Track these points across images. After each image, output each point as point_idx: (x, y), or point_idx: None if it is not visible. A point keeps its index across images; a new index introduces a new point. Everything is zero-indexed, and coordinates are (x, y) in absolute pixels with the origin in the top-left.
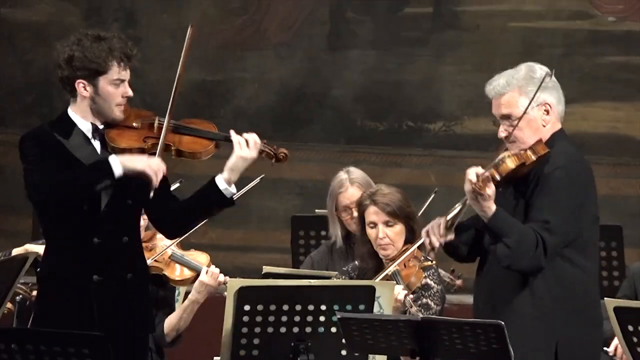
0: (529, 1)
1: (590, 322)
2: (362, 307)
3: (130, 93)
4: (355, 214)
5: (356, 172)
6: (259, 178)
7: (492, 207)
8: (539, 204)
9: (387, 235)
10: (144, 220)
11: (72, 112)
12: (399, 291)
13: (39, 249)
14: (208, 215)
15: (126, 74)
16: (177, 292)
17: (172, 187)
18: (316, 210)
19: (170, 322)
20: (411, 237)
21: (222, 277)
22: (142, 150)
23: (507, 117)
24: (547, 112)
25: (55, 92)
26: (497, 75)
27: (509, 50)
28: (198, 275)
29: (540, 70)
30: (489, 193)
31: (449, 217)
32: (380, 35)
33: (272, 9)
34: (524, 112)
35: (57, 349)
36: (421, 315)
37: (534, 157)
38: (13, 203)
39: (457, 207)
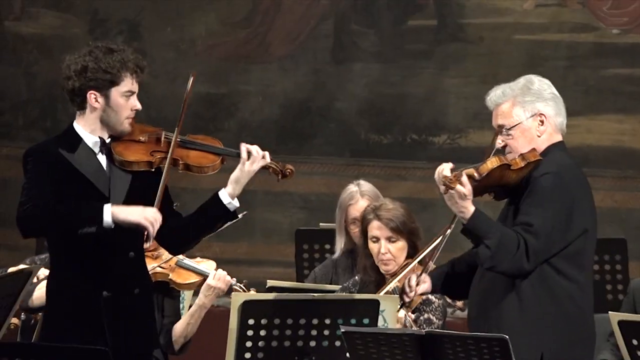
0: (533, 14)
1: (578, 337)
2: (366, 321)
3: (139, 106)
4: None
5: (366, 185)
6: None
7: (470, 207)
8: (524, 208)
9: (389, 250)
10: None
11: (79, 126)
12: (399, 312)
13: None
14: (211, 230)
15: (136, 87)
16: (182, 298)
17: None
18: (321, 224)
19: (178, 329)
20: (413, 252)
21: (229, 278)
22: (150, 164)
23: (502, 127)
24: (542, 122)
25: (60, 106)
26: (497, 86)
27: (513, 62)
28: (204, 279)
29: (539, 82)
30: (465, 192)
31: (418, 262)
32: (385, 48)
33: (276, 22)
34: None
35: None
36: (425, 329)
37: (522, 164)
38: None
39: (427, 250)
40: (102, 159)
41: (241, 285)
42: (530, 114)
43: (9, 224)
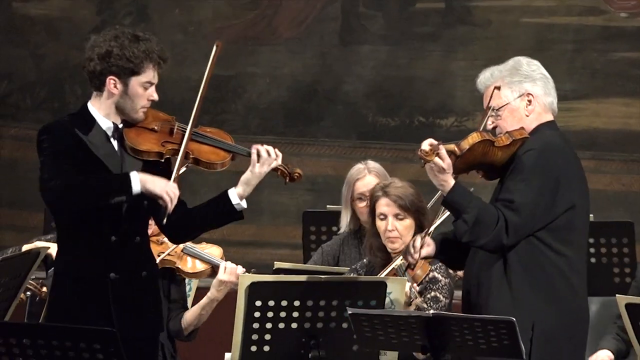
0: None
1: (568, 311)
2: (373, 302)
3: (156, 97)
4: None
5: (374, 163)
6: None
7: (449, 181)
8: (507, 184)
9: (397, 228)
10: None
11: (93, 108)
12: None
13: (51, 245)
14: (215, 225)
15: (156, 78)
16: (188, 287)
17: None
18: (328, 206)
19: (188, 318)
20: (420, 232)
21: (240, 270)
22: (160, 155)
23: (491, 108)
24: (530, 102)
25: (68, 88)
26: (486, 68)
27: (520, 45)
28: (212, 268)
29: (527, 63)
30: (443, 165)
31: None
32: (392, 31)
33: (283, 4)
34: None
35: (69, 344)
36: (432, 311)
37: (508, 141)
38: (25, 198)
39: (437, 221)
40: (114, 143)
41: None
42: (517, 94)
43: (18, 204)
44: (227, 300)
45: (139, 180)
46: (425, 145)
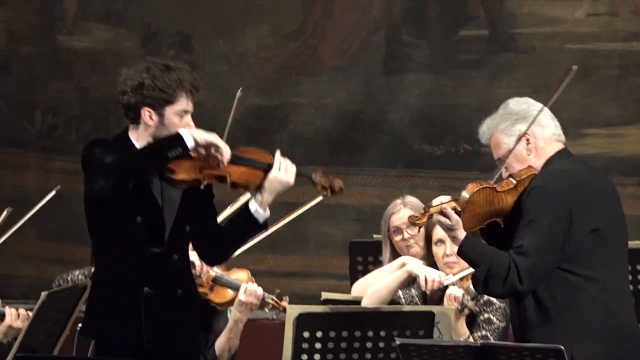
0: (585, 23)
1: (605, 334)
2: (421, 332)
3: (192, 125)
4: (407, 235)
5: (411, 198)
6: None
7: (459, 236)
8: (518, 230)
9: (454, 252)
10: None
11: (132, 138)
12: (455, 290)
13: None
14: (243, 240)
15: (191, 106)
16: (230, 314)
17: None
18: (374, 236)
19: (218, 344)
20: None
21: (260, 292)
22: (198, 182)
23: (499, 159)
24: (528, 140)
25: (113, 120)
26: (483, 121)
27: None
28: (238, 292)
29: (514, 103)
30: (449, 223)
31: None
32: (436, 59)
33: (327, 34)
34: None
35: None
36: (481, 341)
37: (512, 184)
38: (71, 231)
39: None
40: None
41: (273, 297)
42: (515, 138)
43: (64, 237)
44: (274, 330)
45: (189, 135)
46: (431, 203)
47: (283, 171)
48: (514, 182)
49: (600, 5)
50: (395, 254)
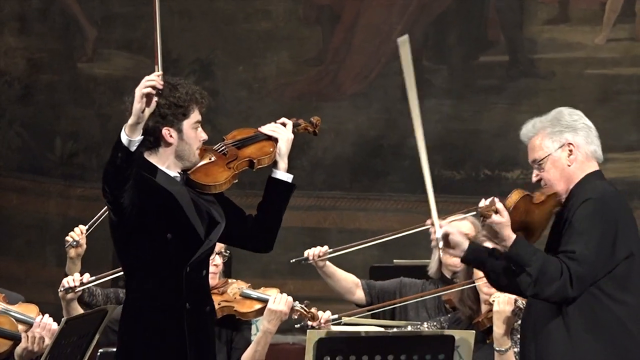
0: (605, 48)
1: (621, 357)
2: (441, 356)
3: (205, 137)
4: None
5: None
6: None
7: (511, 235)
8: (566, 236)
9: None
10: (215, 267)
11: (152, 161)
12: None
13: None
14: (281, 210)
15: (200, 117)
16: (255, 328)
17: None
18: (394, 261)
19: (246, 357)
20: None
21: (290, 300)
22: (234, 176)
23: (535, 160)
24: (571, 151)
25: None
26: (529, 120)
27: (585, 97)
28: (266, 304)
29: (569, 113)
30: (503, 220)
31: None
32: (456, 84)
33: (347, 60)
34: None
35: None
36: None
37: (542, 197)
38: (91, 257)
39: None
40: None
41: (302, 306)
42: (558, 145)
43: (84, 264)
44: (295, 355)
45: (123, 130)
46: (481, 203)
47: (283, 131)
48: (544, 196)
49: (620, 30)
50: (439, 267)
